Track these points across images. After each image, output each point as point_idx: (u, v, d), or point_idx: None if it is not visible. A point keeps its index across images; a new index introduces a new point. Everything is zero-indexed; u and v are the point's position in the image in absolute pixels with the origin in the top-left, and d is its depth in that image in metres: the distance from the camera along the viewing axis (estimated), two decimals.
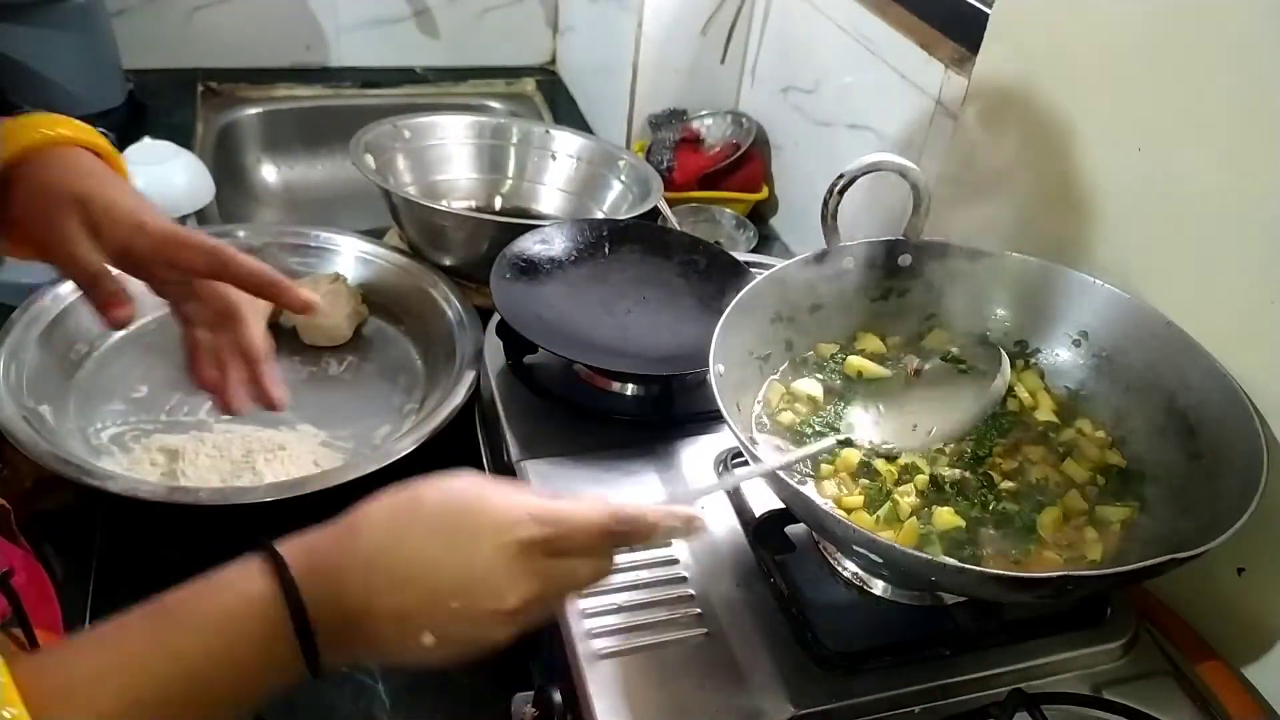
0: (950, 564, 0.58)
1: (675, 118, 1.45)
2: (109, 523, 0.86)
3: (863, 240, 0.82)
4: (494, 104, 1.78)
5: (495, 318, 0.93)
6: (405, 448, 0.89)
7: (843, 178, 0.79)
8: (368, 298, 1.15)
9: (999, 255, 0.81)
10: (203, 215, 1.26)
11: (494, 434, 0.87)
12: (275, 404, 0.65)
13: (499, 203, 1.36)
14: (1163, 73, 0.72)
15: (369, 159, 1.19)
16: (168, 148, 1.23)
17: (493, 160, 1.35)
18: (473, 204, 1.34)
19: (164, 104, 1.57)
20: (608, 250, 1.00)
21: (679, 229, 1.16)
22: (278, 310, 1.05)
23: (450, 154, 1.33)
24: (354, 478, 0.85)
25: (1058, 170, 0.83)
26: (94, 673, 0.42)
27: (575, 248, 0.99)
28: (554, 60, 1.89)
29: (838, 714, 0.63)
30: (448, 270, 1.15)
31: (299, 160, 1.70)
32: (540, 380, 0.88)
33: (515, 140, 1.36)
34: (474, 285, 1.13)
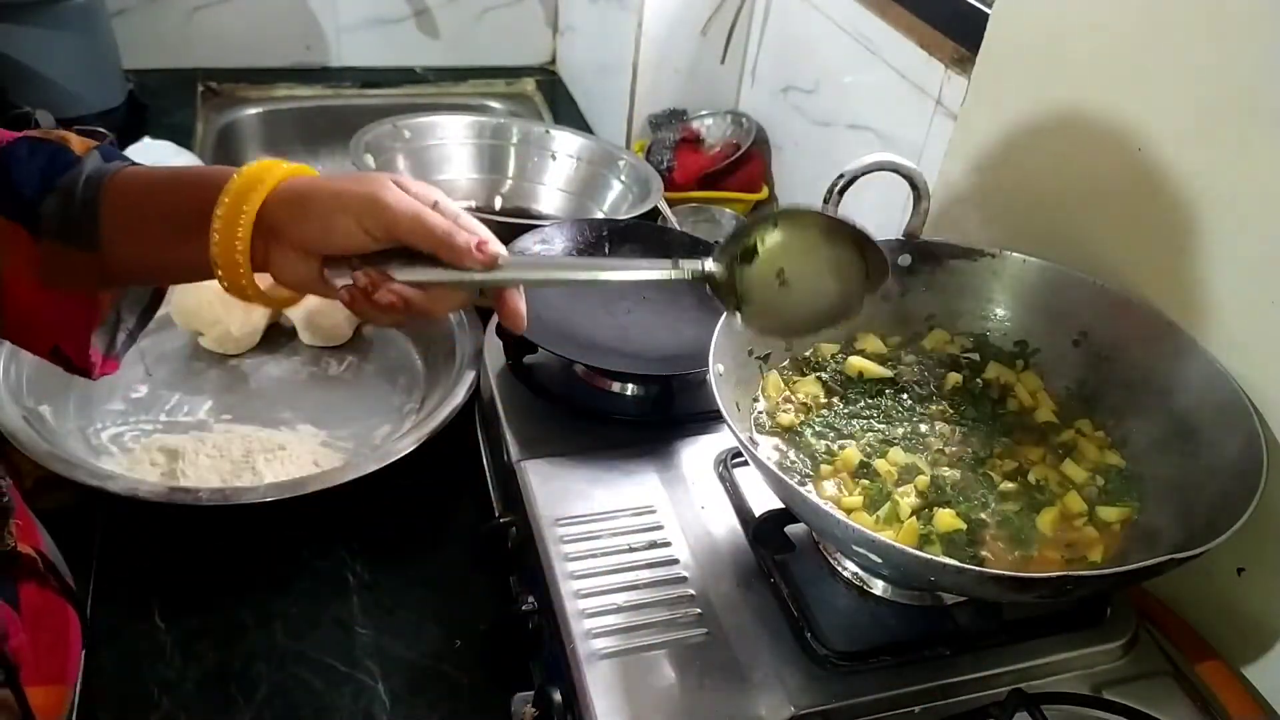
0: (950, 564, 0.58)
1: (675, 118, 1.45)
2: (109, 523, 0.86)
3: None
4: (494, 104, 1.78)
5: (495, 318, 0.93)
6: (405, 448, 0.89)
7: (843, 178, 0.79)
8: None
9: (999, 255, 0.82)
10: None
11: (494, 434, 0.87)
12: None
13: (499, 203, 1.36)
14: (1163, 73, 0.72)
15: (369, 159, 1.19)
16: (168, 148, 1.23)
17: (493, 160, 1.36)
18: (473, 204, 1.34)
19: (164, 104, 1.57)
20: (607, 250, 1.00)
21: (679, 229, 1.16)
22: (277, 311, 1.06)
23: (450, 154, 1.34)
24: (354, 478, 0.85)
25: (1058, 170, 0.83)
26: None
27: (575, 247, 0.99)
28: (554, 60, 1.89)
29: (838, 714, 0.63)
30: None
31: (299, 160, 1.69)
32: (540, 380, 0.88)
33: (515, 140, 1.36)
34: None
